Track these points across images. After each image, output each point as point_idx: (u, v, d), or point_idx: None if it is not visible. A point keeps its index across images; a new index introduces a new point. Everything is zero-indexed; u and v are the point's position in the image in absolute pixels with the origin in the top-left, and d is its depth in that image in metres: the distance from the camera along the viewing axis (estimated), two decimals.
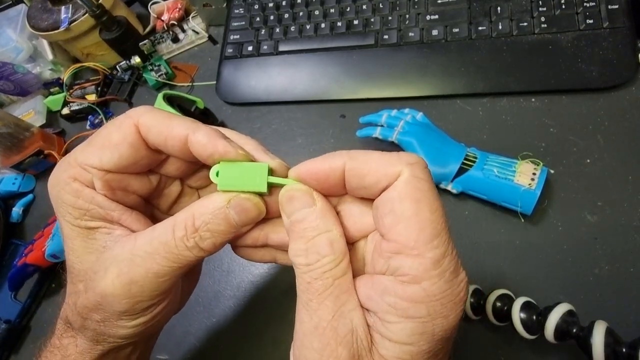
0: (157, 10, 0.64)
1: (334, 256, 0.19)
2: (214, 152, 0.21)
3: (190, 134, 0.21)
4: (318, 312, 0.19)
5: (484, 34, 0.46)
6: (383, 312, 0.18)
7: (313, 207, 0.21)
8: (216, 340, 0.42)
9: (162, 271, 0.21)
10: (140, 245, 0.22)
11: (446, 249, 0.18)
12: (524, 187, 0.36)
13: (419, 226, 0.18)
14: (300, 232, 0.20)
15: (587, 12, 0.43)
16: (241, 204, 0.22)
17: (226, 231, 0.22)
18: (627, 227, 0.36)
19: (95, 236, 0.23)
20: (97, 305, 0.22)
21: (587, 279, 0.35)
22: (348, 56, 0.51)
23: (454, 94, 0.46)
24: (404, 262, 0.18)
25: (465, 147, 0.40)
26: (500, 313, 0.32)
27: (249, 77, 0.54)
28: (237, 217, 0.22)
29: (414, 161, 0.19)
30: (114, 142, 0.22)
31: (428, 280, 0.18)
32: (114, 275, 0.21)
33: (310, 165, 0.21)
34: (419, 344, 0.18)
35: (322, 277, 0.19)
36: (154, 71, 0.59)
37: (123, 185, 0.23)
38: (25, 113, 0.63)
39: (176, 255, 0.21)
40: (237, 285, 0.44)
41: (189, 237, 0.21)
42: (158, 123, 0.22)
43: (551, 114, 0.42)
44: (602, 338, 0.27)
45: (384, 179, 0.19)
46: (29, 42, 0.64)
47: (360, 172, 0.20)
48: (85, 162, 0.22)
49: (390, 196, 0.19)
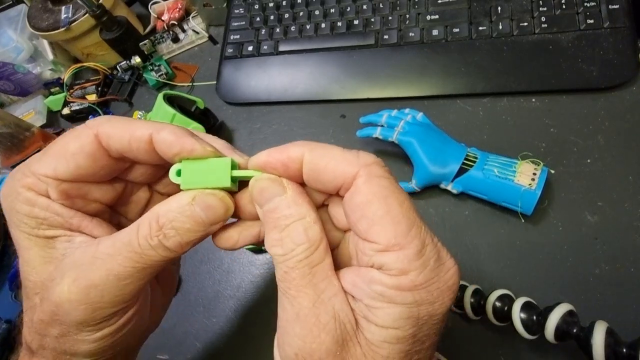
0: (158, 10, 0.64)
1: (309, 243, 0.19)
2: (181, 150, 0.21)
3: (154, 133, 0.21)
4: (298, 300, 0.19)
5: (484, 34, 0.46)
6: (369, 299, 0.19)
7: (284, 195, 0.20)
8: (216, 340, 0.42)
9: (124, 273, 0.20)
10: (102, 248, 0.21)
11: (425, 238, 0.18)
12: (524, 187, 0.36)
13: (393, 222, 0.18)
14: (274, 222, 0.20)
15: (588, 12, 0.43)
16: (206, 200, 0.21)
17: (193, 229, 0.21)
18: (627, 227, 0.36)
19: (54, 245, 0.21)
20: (54, 317, 0.21)
21: (587, 279, 0.35)
22: (348, 56, 0.51)
23: (454, 94, 0.46)
24: (388, 259, 0.18)
25: (466, 147, 0.40)
26: (501, 313, 0.32)
27: (249, 77, 0.54)
28: (204, 214, 0.21)
29: (371, 161, 0.19)
30: (70, 152, 0.21)
31: (414, 271, 0.18)
32: (71, 280, 0.20)
33: (268, 154, 0.21)
34: (405, 328, 0.18)
35: (299, 266, 0.19)
36: (154, 71, 0.59)
37: (82, 194, 0.22)
38: (26, 113, 0.64)
39: (139, 255, 0.20)
40: (237, 286, 0.44)
41: (152, 236, 0.20)
42: (119, 128, 0.21)
43: (551, 114, 0.42)
44: (603, 338, 0.27)
45: (340, 177, 0.19)
46: (30, 42, 0.64)
47: (317, 167, 0.20)
48: (38, 172, 0.21)
49: (357, 201, 0.19)
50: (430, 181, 0.40)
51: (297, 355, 0.18)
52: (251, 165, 0.21)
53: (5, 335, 0.46)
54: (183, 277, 0.46)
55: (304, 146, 0.20)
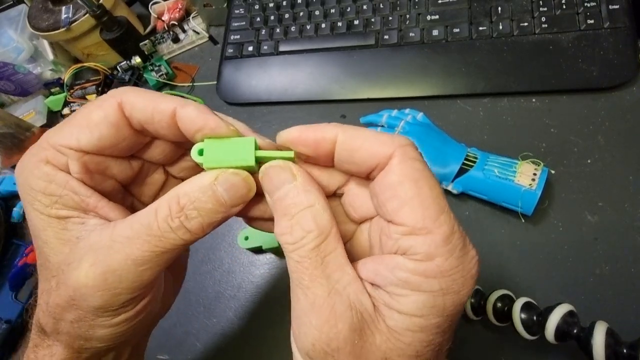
0: (158, 10, 0.64)
1: (319, 231, 0.19)
2: (204, 126, 0.20)
3: (178, 108, 0.20)
4: (312, 290, 0.18)
5: (484, 34, 0.46)
6: (393, 286, 0.18)
7: (294, 183, 0.20)
8: (216, 340, 0.42)
9: (143, 257, 0.19)
10: (120, 231, 0.20)
11: (453, 225, 0.18)
12: (524, 188, 0.36)
13: (423, 205, 0.18)
14: (284, 210, 0.19)
15: (588, 12, 0.43)
16: (230, 179, 0.20)
17: (214, 210, 0.20)
18: (627, 227, 0.36)
19: (67, 226, 0.21)
20: (70, 302, 0.20)
21: (587, 279, 0.35)
22: (348, 56, 0.51)
23: (454, 94, 0.46)
24: (414, 242, 0.18)
25: (466, 148, 0.40)
26: (501, 313, 0.32)
27: (250, 77, 0.54)
28: (226, 194, 0.20)
29: (406, 143, 0.19)
30: (94, 121, 0.20)
31: (440, 257, 0.17)
32: (88, 265, 0.19)
33: (301, 130, 0.20)
34: (429, 317, 0.18)
35: (311, 255, 0.18)
36: (154, 71, 0.59)
37: (101, 169, 0.22)
38: (26, 113, 0.64)
39: (159, 238, 0.19)
40: (238, 286, 0.44)
41: (173, 217, 0.19)
42: (143, 99, 0.20)
43: (552, 114, 0.42)
44: (603, 339, 0.27)
45: (374, 157, 0.19)
46: (30, 42, 0.64)
47: (352, 147, 0.19)
48: (60, 143, 0.20)
49: (389, 180, 0.19)
50: None
51: (314, 346, 0.18)
52: (280, 141, 0.21)
53: (5, 335, 0.46)
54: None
55: (337, 127, 0.20)
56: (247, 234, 0.43)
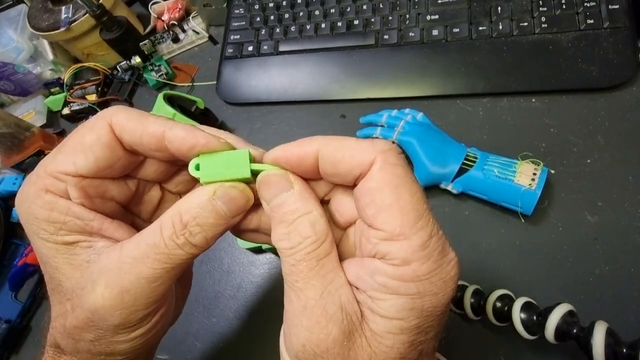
0: (158, 10, 0.64)
1: (316, 237, 0.19)
2: (195, 145, 0.21)
3: (166, 130, 0.21)
4: (305, 292, 0.19)
5: (484, 34, 0.46)
6: (373, 290, 0.19)
7: (291, 191, 0.20)
8: (216, 340, 0.42)
9: (154, 275, 0.20)
10: (128, 252, 0.20)
11: (431, 230, 0.18)
12: (524, 188, 0.36)
13: (402, 211, 0.18)
14: (281, 217, 0.20)
15: (588, 12, 0.43)
16: (228, 193, 0.21)
17: (216, 223, 0.21)
18: (627, 227, 0.36)
19: (75, 251, 0.21)
20: (89, 323, 0.21)
21: (587, 279, 0.35)
22: (348, 56, 0.51)
23: (454, 94, 0.46)
24: (392, 247, 0.18)
25: (466, 147, 0.40)
26: (501, 313, 0.32)
27: (250, 77, 0.54)
28: (226, 207, 0.21)
29: (387, 148, 0.19)
30: (88, 144, 0.21)
31: (417, 262, 0.18)
32: (103, 287, 0.20)
33: (284, 149, 0.21)
34: (409, 319, 0.18)
35: (306, 259, 0.19)
36: (154, 71, 0.59)
37: (100, 192, 0.22)
38: (26, 113, 0.64)
39: (167, 256, 0.20)
40: (238, 286, 0.44)
41: (178, 235, 0.20)
42: (132, 121, 0.21)
43: (551, 114, 0.42)
44: (603, 338, 0.27)
45: (357, 167, 0.19)
46: (30, 42, 0.64)
47: (334, 159, 0.20)
48: (57, 170, 0.21)
49: (368, 186, 0.19)
50: (430, 181, 0.40)
51: (304, 347, 0.18)
52: (266, 160, 0.21)
53: (5, 335, 0.46)
54: None
55: (318, 140, 0.20)
56: None
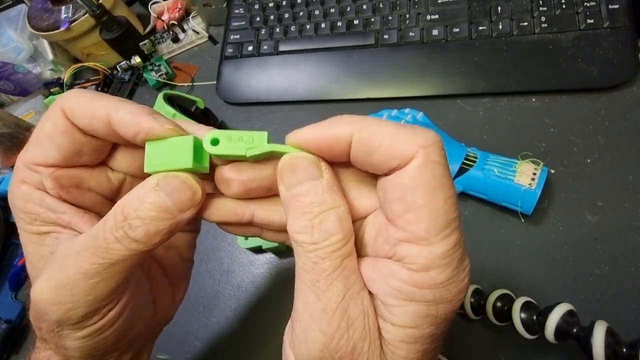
0: (158, 10, 0.64)
1: (343, 234, 0.18)
2: (138, 130, 0.19)
3: (111, 113, 0.19)
4: (327, 294, 0.17)
5: (484, 33, 0.46)
6: (386, 295, 0.18)
7: (320, 180, 0.18)
8: (216, 340, 0.42)
9: (91, 270, 0.19)
10: (75, 245, 0.20)
11: (456, 239, 0.17)
12: (524, 187, 0.36)
13: (432, 216, 0.17)
14: (304, 207, 0.18)
15: (588, 12, 0.43)
16: (170, 183, 0.19)
17: (159, 217, 0.19)
18: (627, 227, 0.36)
19: (45, 242, 0.21)
20: (37, 314, 0.20)
21: (587, 279, 0.35)
22: (348, 56, 0.51)
23: (454, 94, 0.46)
24: (412, 251, 0.17)
25: (466, 147, 0.40)
26: (501, 313, 0.32)
27: (249, 77, 0.54)
28: (169, 199, 0.19)
29: (431, 142, 0.17)
30: (48, 133, 0.20)
31: (436, 269, 0.17)
32: (43, 279, 0.19)
33: (314, 131, 0.19)
34: (423, 327, 0.17)
35: (331, 257, 0.17)
36: (154, 71, 0.59)
37: (75, 182, 0.21)
38: (26, 113, 0.63)
39: (105, 250, 0.19)
40: (238, 286, 0.44)
41: (117, 227, 0.19)
42: (81, 104, 0.20)
43: (551, 113, 0.42)
44: (603, 338, 0.27)
45: (395, 159, 0.17)
46: (30, 42, 0.64)
47: (369, 147, 0.18)
48: (30, 161, 0.21)
49: (401, 182, 0.17)
50: None
51: (322, 352, 0.17)
52: (289, 141, 0.19)
53: (5, 335, 0.46)
54: None
55: (352, 123, 0.18)
56: None
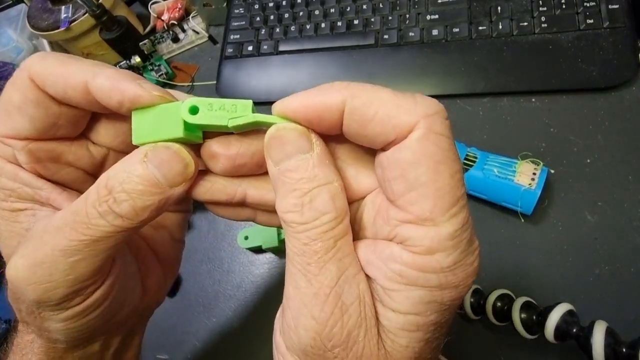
0: (157, 10, 0.64)
1: (336, 213, 0.16)
2: (123, 98, 0.17)
3: (89, 80, 0.17)
4: (319, 278, 0.16)
5: (484, 33, 0.46)
6: (386, 279, 0.16)
7: (310, 153, 0.17)
8: (216, 340, 0.42)
9: (70, 247, 0.17)
10: (54, 221, 0.18)
11: (464, 219, 0.16)
12: (524, 187, 0.36)
13: (437, 194, 0.15)
14: (293, 184, 0.16)
15: (588, 12, 0.43)
16: (160, 154, 0.17)
17: (147, 191, 0.17)
18: (627, 227, 0.36)
19: (19, 218, 0.19)
20: (13, 295, 0.19)
21: (587, 279, 0.35)
22: (348, 56, 0.51)
23: (454, 93, 0.46)
24: (415, 233, 0.15)
25: (466, 147, 0.40)
26: (501, 313, 0.32)
27: (249, 77, 0.54)
28: (158, 172, 0.17)
29: (433, 111, 0.15)
30: (17, 104, 0.18)
31: (443, 252, 0.15)
32: (18, 257, 0.18)
33: (302, 99, 0.17)
34: (426, 314, 0.16)
35: (323, 238, 0.16)
36: (154, 71, 0.59)
37: (53, 156, 0.20)
38: None
39: (87, 225, 0.17)
40: (238, 285, 0.44)
41: (100, 202, 0.17)
42: (52, 71, 0.18)
43: (551, 113, 0.42)
44: (602, 338, 0.27)
45: (392, 130, 0.15)
46: (29, 42, 0.64)
47: (364, 117, 0.16)
48: (0, 134, 0.19)
49: (402, 157, 0.15)
50: None
51: (314, 340, 0.16)
52: (276, 111, 0.18)
53: (5, 335, 0.46)
54: (183, 277, 0.46)
55: (344, 90, 0.16)
56: (247, 233, 0.43)
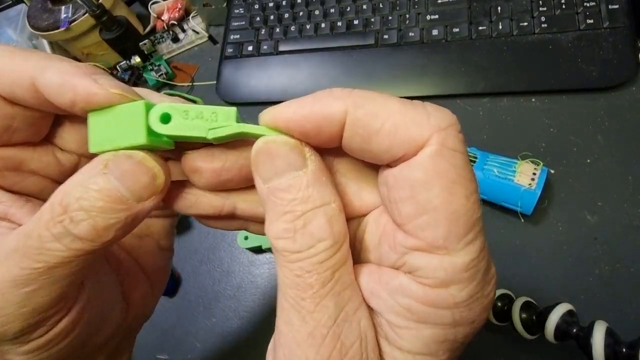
0: (157, 10, 0.64)
1: (333, 240, 0.14)
2: (74, 98, 0.15)
3: (37, 76, 0.15)
4: (314, 316, 0.14)
5: (484, 33, 0.46)
6: (393, 314, 0.14)
7: (304, 170, 0.14)
8: (216, 340, 0.42)
9: (22, 277, 0.14)
10: (4, 244, 0.15)
11: (481, 246, 0.14)
12: (524, 187, 0.36)
13: (451, 218, 0.13)
14: (285, 206, 0.14)
15: (588, 12, 0.43)
16: (121, 165, 0.15)
17: (110, 208, 0.15)
18: (627, 227, 0.36)
19: None
20: None
21: (587, 279, 0.35)
22: (348, 56, 0.51)
23: (454, 94, 0.46)
24: (427, 262, 0.14)
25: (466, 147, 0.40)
26: (501, 313, 0.32)
27: (249, 77, 0.54)
28: (122, 185, 0.15)
29: (447, 124, 0.14)
30: None
31: (458, 285, 0.14)
32: None
33: (296, 108, 0.15)
34: (438, 354, 0.14)
35: (319, 270, 0.14)
36: (154, 71, 0.59)
37: (13, 164, 0.17)
38: None
39: (39, 251, 0.14)
40: (238, 286, 0.44)
41: (55, 222, 0.14)
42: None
43: (551, 113, 0.42)
44: (602, 338, 0.27)
45: (401, 146, 0.13)
46: (29, 42, 0.64)
47: (369, 130, 0.14)
48: None
49: (410, 176, 0.14)
50: None
51: None
52: (264, 121, 0.15)
53: None
54: (183, 277, 0.46)
55: (347, 97, 0.14)
56: (247, 233, 0.43)
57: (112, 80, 0.15)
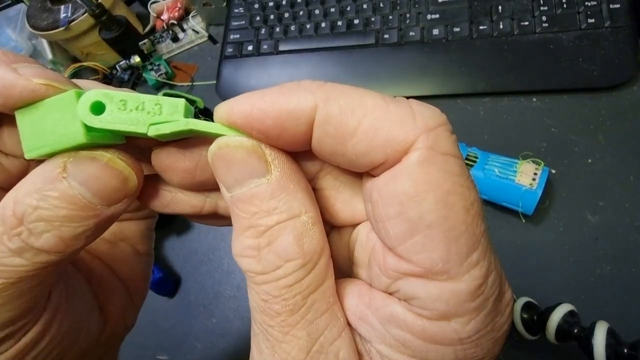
0: (157, 9, 0.64)
1: (304, 260, 0.12)
2: None
3: None
4: (283, 347, 0.12)
5: (485, 33, 0.46)
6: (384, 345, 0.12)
7: (267, 177, 0.12)
8: (216, 340, 0.42)
9: None
10: None
11: (488, 266, 0.12)
12: (525, 187, 0.36)
13: (450, 236, 0.11)
14: (247, 219, 0.12)
15: (589, 12, 0.43)
16: (84, 168, 0.13)
17: (76, 216, 0.13)
18: (628, 227, 0.36)
19: None
20: None
21: (588, 279, 0.35)
22: (348, 56, 0.50)
23: (454, 93, 0.46)
24: (424, 291, 0.12)
25: (466, 147, 0.40)
26: None
27: (249, 76, 0.54)
28: (87, 190, 0.13)
29: (436, 123, 0.12)
30: None
31: (462, 317, 0.11)
32: None
33: (254, 102, 0.12)
34: None
35: (286, 295, 0.12)
36: (153, 71, 0.59)
37: None
38: None
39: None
40: (238, 286, 0.44)
41: (10, 236, 0.13)
42: None
43: (552, 113, 0.42)
44: (604, 339, 0.27)
45: (382, 149, 0.11)
46: (29, 41, 0.64)
47: (342, 129, 0.12)
48: None
49: (397, 189, 0.11)
50: None
51: None
52: (219, 117, 0.13)
53: None
54: (183, 277, 0.46)
55: (317, 90, 0.12)
56: None
57: (39, 69, 0.13)
